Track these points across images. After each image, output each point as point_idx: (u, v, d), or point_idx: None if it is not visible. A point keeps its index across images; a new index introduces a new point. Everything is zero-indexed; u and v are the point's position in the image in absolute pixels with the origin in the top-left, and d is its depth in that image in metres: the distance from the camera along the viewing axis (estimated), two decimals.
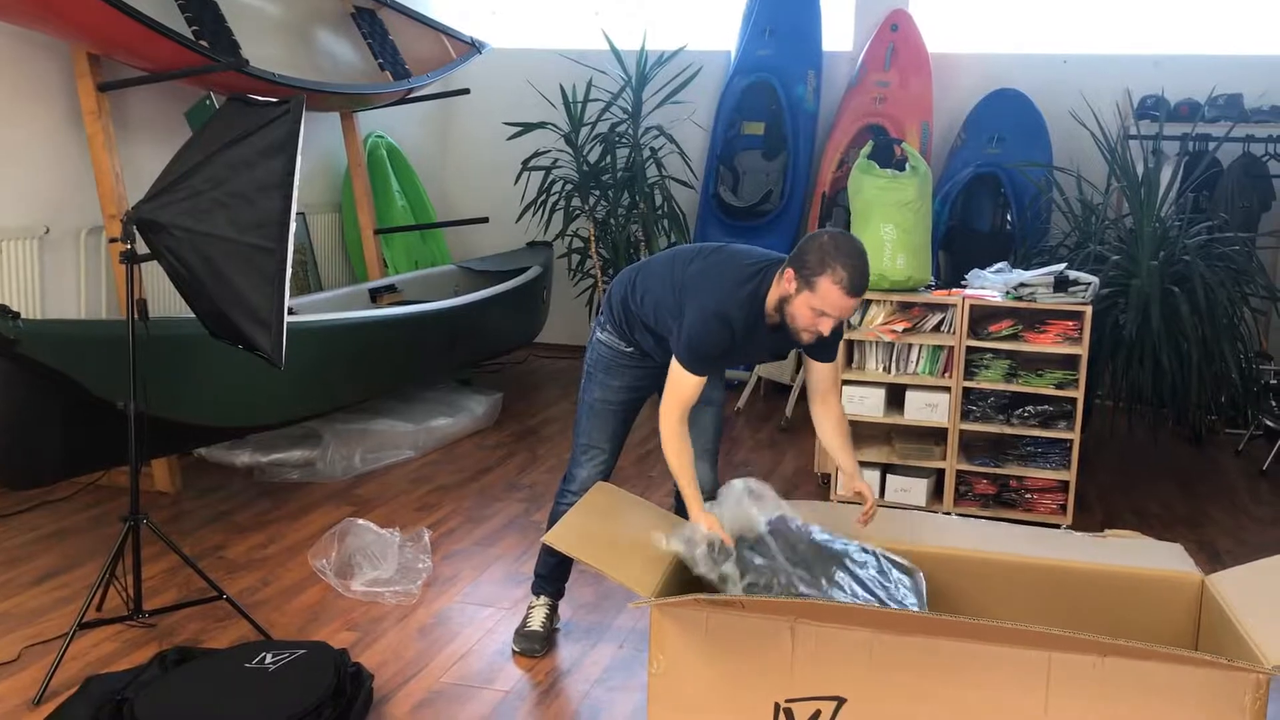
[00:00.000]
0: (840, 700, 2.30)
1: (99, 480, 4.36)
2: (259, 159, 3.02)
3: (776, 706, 2.33)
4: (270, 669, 2.85)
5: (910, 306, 4.36)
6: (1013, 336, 4.20)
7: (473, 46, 6.34)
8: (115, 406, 3.32)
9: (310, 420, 4.74)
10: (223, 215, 3.00)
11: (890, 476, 4.41)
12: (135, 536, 3.21)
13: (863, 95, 6.43)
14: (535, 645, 3.24)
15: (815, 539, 2.71)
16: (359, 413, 5.08)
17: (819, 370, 2.99)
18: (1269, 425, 5.37)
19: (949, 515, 4.30)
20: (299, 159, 3.02)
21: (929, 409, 4.32)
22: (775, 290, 2.75)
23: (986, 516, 4.25)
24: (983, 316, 4.28)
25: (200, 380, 3.89)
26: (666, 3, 7.02)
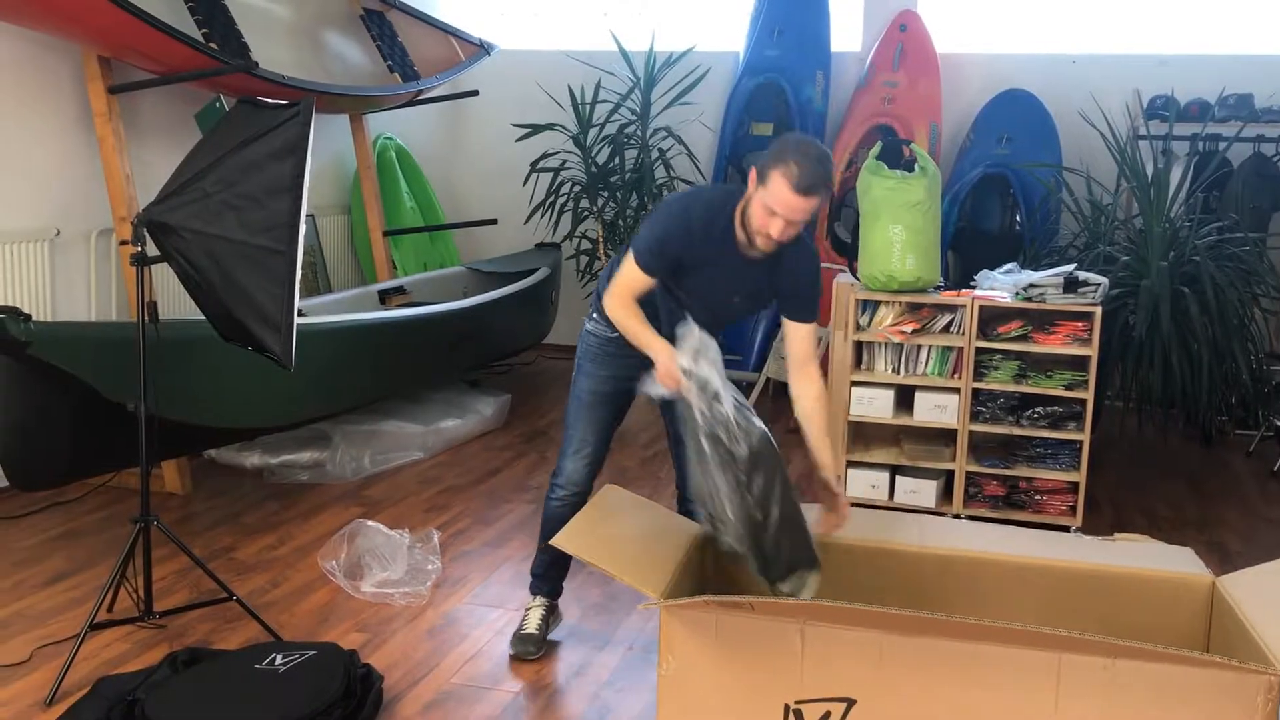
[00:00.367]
0: (850, 701, 2.30)
1: (109, 482, 4.37)
2: (269, 161, 3.03)
3: (786, 708, 2.33)
4: (280, 670, 2.85)
5: (919, 307, 4.35)
6: (1022, 337, 4.20)
7: (481, 48, 6.35)
8: (125, 408, 3.33)
9: (319, 422, 4.75)
10: (233, 217, 3.00)
11: (899, 478, 4.41)
12: (145, 538, 3.22)
13: (871, 96, 6.42)
14: (530, 648, 3.21)
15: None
16: (368, 414, 5.09)
17: (795, 333, 2.90)
18: None
19: (958, 517, 4.30)
20: (309, 161, 3.03)
21: (938, 410, 4.31)
22: (743, 202, 2.73)
23: (996, 518, 4.24)
24: (992, 317, 4.27)
25: (210, 382, 3.90)
26: (675, 4, 7.02)
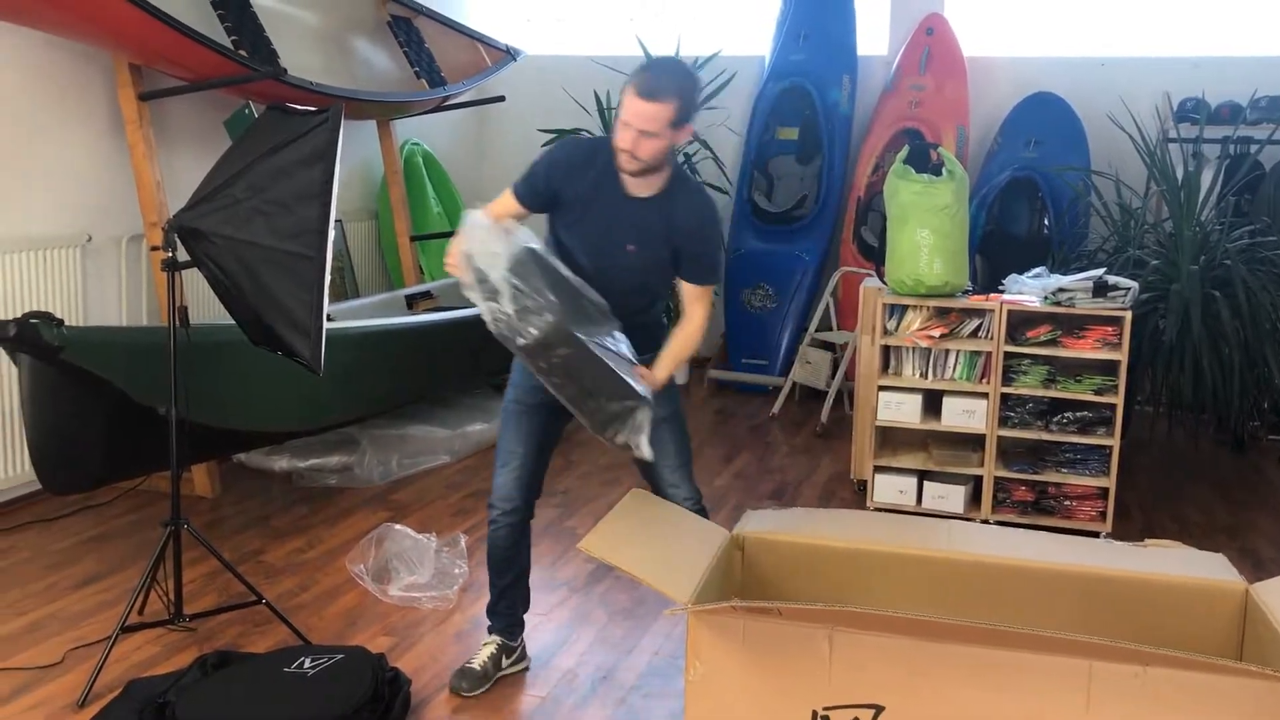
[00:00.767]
0: (879, 708, 2.29)
1: (139, 485, 4.41)
2: (298, 167, 3.05)
3: (814, 714, 2.32)
4: (309, 674, 2.87)
5: (947, 312, 4.33)
6: (1051, 342, 4.17)
7: (507, 54, 6.37)
8: (156, 412, 3.36)
9: (347, 426, 4.77)
10: (262, 223, 3.03)
11: (927, 483, 4.39)
12: (176, 541, 3.24)
13: (898, 99, 6.40)
14: (463, 683, 3.05)
15: (568, 275, 2.69)
16: (395, 418, 5.11)
17: (690, 291, 2.93)
18: None
19: (986, 522, 4.27)
20: (337, 168, 3.04)
21: (966, 415, 4.29)
22: None
23: (1024, 524, 4.21)
24: (1020, 322, 4.25)
25: (240, 386, 3.93)
26: (700, 8, 7.02)
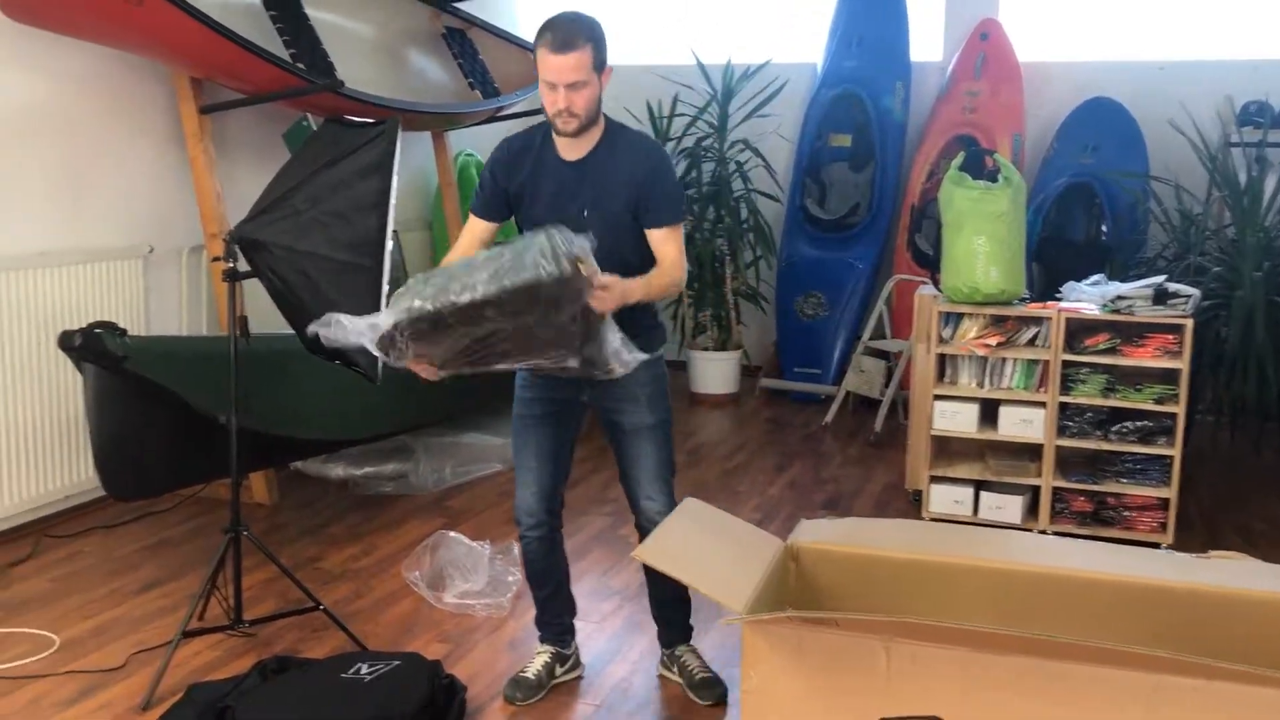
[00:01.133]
0: None
1: (199, 493, 4.48)
2: (356, 179, 3.09)
3: None
4: (365, 680, 2.90)
5: (1004, 320, 4.29)
6: (1110, 350, 4.11)
7: None
8: (217, 420, 3.41)
9: (402, 434, 4.82)
10: (321, 234, 3.07)
11: (984, 493, 4.34)
12: (236, 548, 3.29)
13: (952, 105, 6.35)
14: (517, 693, 3.05)
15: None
16: (449, 426, 5.15)
17: (655, 236, 2.80)
18: None
19: (1044, 533, 4.22)
20: (394, 179, 3.08)
21: (1024, 424, 4.24)
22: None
23: (1083, 535, 4.15)
24: (1078, 330, 4.19)
25: (298, 395, 3.98)
26: (752, 17, 7.01)
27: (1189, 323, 4.01)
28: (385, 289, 3.07)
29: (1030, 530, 4.23)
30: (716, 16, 7.08)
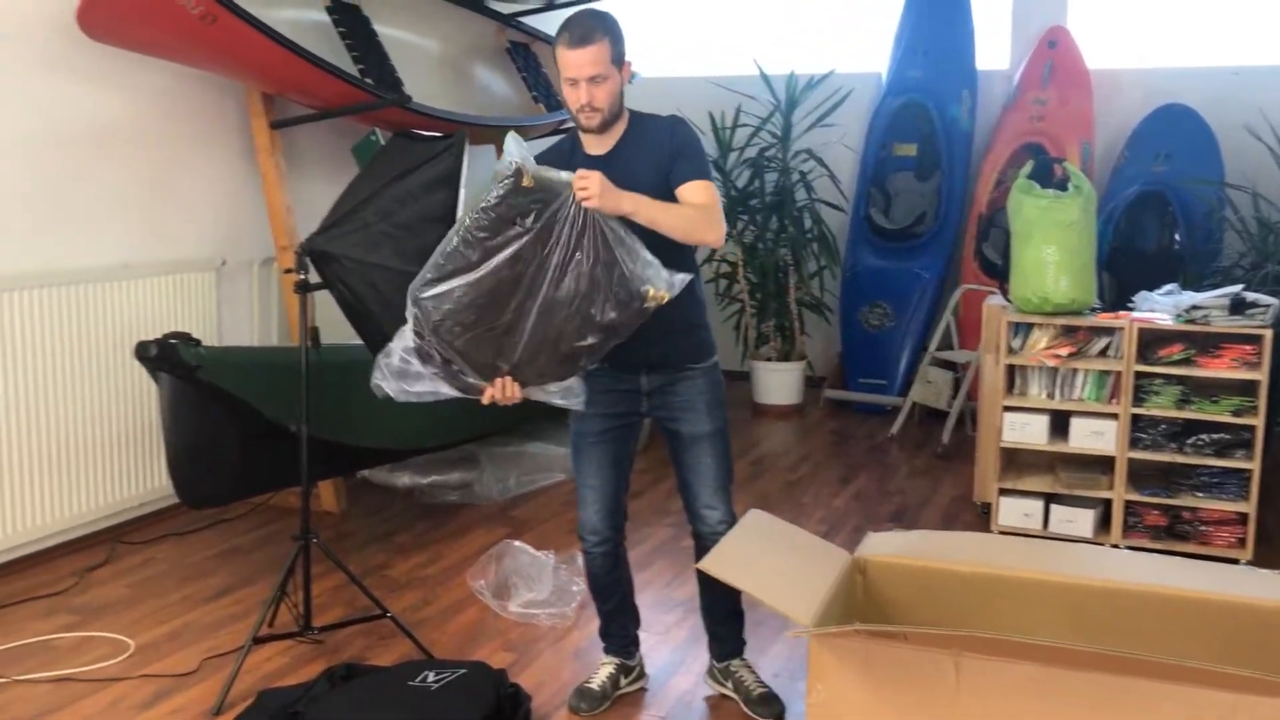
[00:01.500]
0: None
1: (268, 501, 4.55)
2: (424, 193, 3.13)
3: None
4: (432, 688, 2.92)
5: (1074, 330, 4.22)
6: (1184, 361, 4.03)
7: None
8: (288, 429, 3.46)
9: (468, 444, 4.85)
10: (390, 246, 3.11)
11: (1054, 507, 4.27)
12: (306, 555, 3.34)
13: (1019, 114, 6.28)
14: (581, 703, 3.06)
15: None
16: (513, 436, 5.18)
17: (684, 192, 2.77)
18: None
19: (1117, 548, 4.14)
20: (462, 193, 3.11)
21: (1095, 436, 4.16)
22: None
23: (1158, 549, 4.07)
24: (1152, 340, 4.11)
25: (367, 405, 4.01)
26: (816, 27, 6.99)
27: (1268, 333, 3.92)
28: None
29: (1103, 544, 4.15)
30: (780, 28, 7.07)
